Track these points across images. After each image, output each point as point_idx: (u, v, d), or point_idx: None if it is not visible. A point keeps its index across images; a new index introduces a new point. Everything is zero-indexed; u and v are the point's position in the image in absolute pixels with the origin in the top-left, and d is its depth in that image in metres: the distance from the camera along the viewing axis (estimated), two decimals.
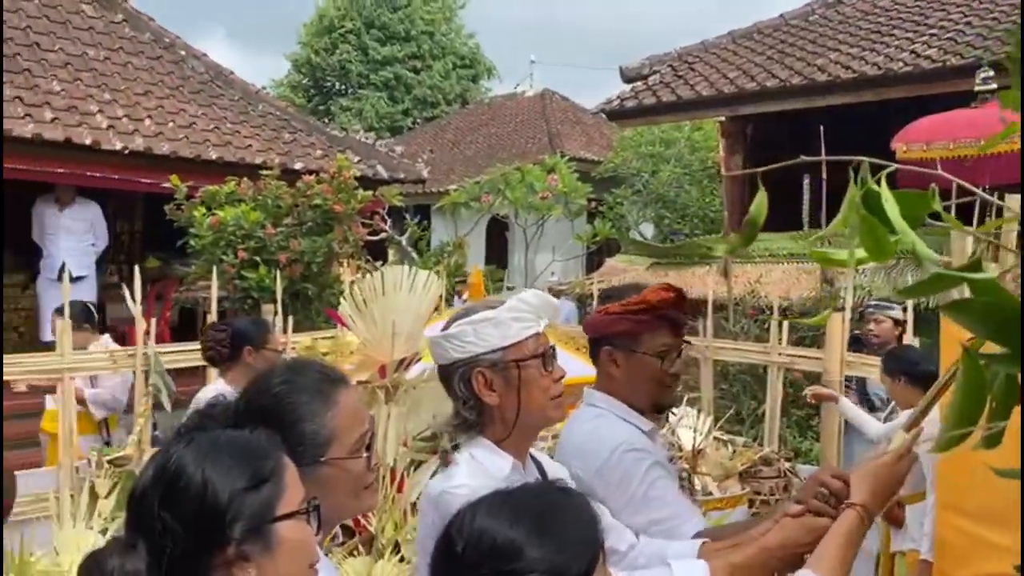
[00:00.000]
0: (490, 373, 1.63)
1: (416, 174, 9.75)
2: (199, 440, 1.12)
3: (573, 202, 13.83)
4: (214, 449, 1.11)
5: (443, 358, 1.67)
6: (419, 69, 26.00)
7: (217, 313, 5.18)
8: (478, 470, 1.60)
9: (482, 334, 1.63)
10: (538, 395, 1.66)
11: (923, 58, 7.80)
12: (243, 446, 1.14)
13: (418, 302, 3.28)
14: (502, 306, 1.67)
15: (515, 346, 1.64)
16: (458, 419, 1.67)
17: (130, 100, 8.01)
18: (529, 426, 1.68)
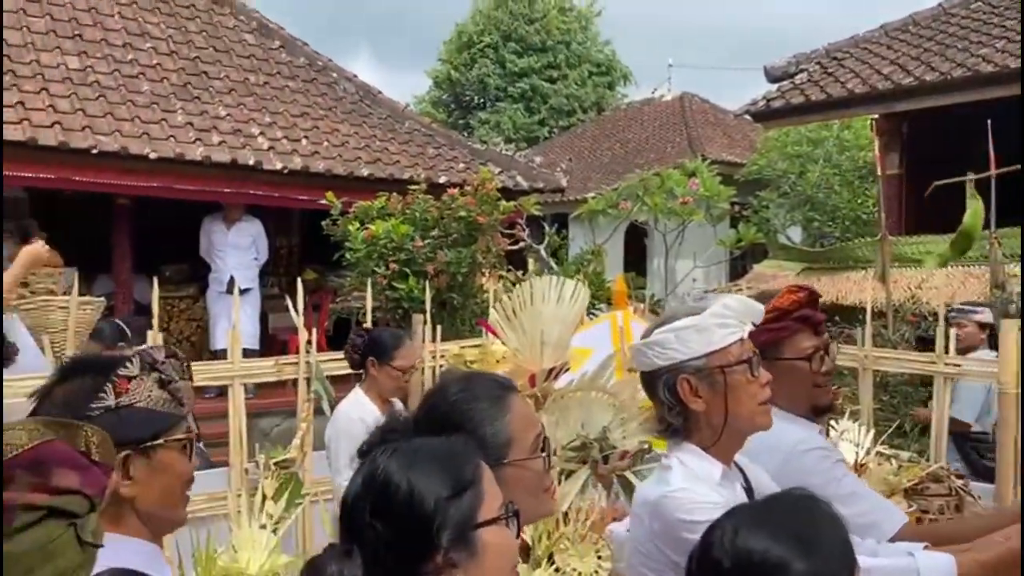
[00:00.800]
0: (695, 379, 1.63)
1: (555, 183, 9.82)
2: (402, 449, 1.18)
3: (715, 206, 13.50)
4: (417, 458, 1.15)
5: (646, 365, 1.68)
6: (555, 79, 26.20)
7: (372, 322, 5.38)
8: (691, 475, 1.60)
9: (685, 340, 1.63)
10: (746, 401, 1.65)
11: None
12: (444, 453, 1.18)
13: (565, 312, 3.30)
14: (705, 312, 1.67)
15: (720, 352, 1.63)
16: (663, 425, 1.68)
17: (288, 122, 8.50)
18: (737, 432, 1.67)
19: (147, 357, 1.42)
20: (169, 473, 1.42)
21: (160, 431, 1.41)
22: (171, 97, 8.01)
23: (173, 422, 1.43)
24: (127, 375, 1.39)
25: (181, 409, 1.44)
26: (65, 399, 1.37)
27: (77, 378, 1.40)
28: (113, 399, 1.37)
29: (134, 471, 1.38)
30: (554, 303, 3.24)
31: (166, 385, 1.42)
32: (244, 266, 8.07)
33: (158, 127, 7.45)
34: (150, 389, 1.40)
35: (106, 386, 1.37)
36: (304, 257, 9.90)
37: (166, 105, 7.84)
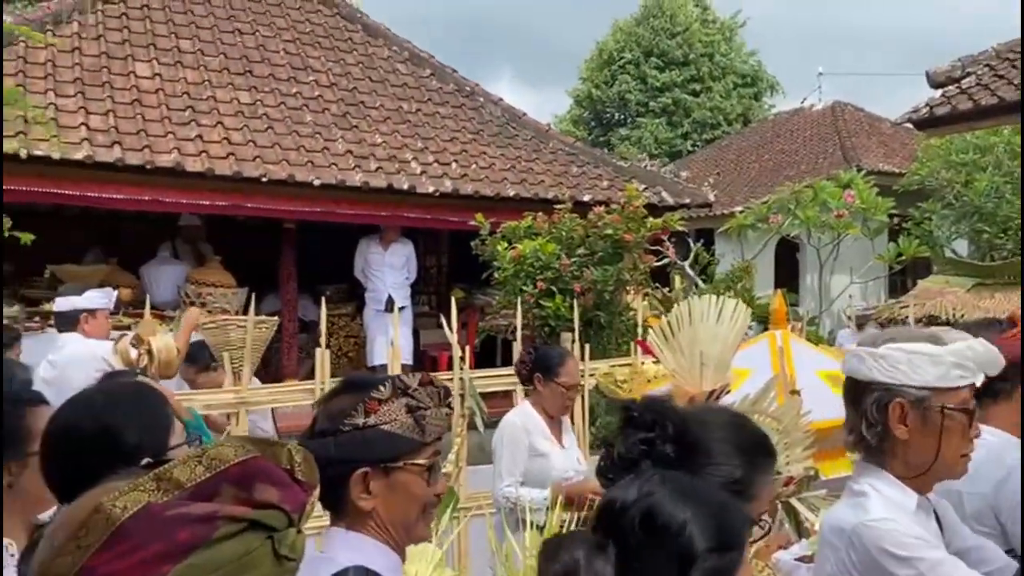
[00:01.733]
0: (910, 408, 1.57)
1: (702, 198, 9.65)
2: (682, 482, 1.20)
3: (873, 219, 12.89)
4: (697, 499, 1.17)
5: (861, 374, 1.63)
6: (698, 92, 25.81)
7: (522, 340, 5.46)
8: (890, 504, 1.56)
9: (916, 366, 1.58)
10: (956, 448, 1.59)
11: None
12: (722, 506, 1.19)
13: (726, 331, 3.22)
14: (946, 346, 1.60)
15: (948, 392, 1.57)
16: (856, 437, 1.63)
17: (439, 146, 8.79)
18: (935, 475, 1.62)
19: (399, 383, 1.49)
20: (405, 494, 1.49)
21: (400, 454, 1.47)
22: (332, 127, 8.46)
23: (415, 447, 1.48)
24: (378, 397, 1.47)
25: (424, 436, 1.49)
26: (328, 412, 1.49)
27: (344, 395, 1.51)
28: (362, 418, 1.46)
29: (373, 487, 1.47)
30: (714, 322, 3.18)
31: (414, 411, 1.48)
32: (398, 285, 8.39)
33: (321, 155, 7.88)
34: (397, 413, 1.47)
35: (359, 406, 1.46)
36: (452, 276, 10.17)
37: (327, 134, 8.29)
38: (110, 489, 0.68)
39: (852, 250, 13.37)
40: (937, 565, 1.47)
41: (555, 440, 3.73)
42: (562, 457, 3.70)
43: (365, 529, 1.47)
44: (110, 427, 1.60)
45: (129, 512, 0.65)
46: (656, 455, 1.37)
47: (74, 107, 7.30)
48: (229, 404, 4.14)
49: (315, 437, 1.47)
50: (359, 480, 1.44)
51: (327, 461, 1.39)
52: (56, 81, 7.58)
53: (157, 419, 1.70)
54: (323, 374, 4.41)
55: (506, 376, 5.04)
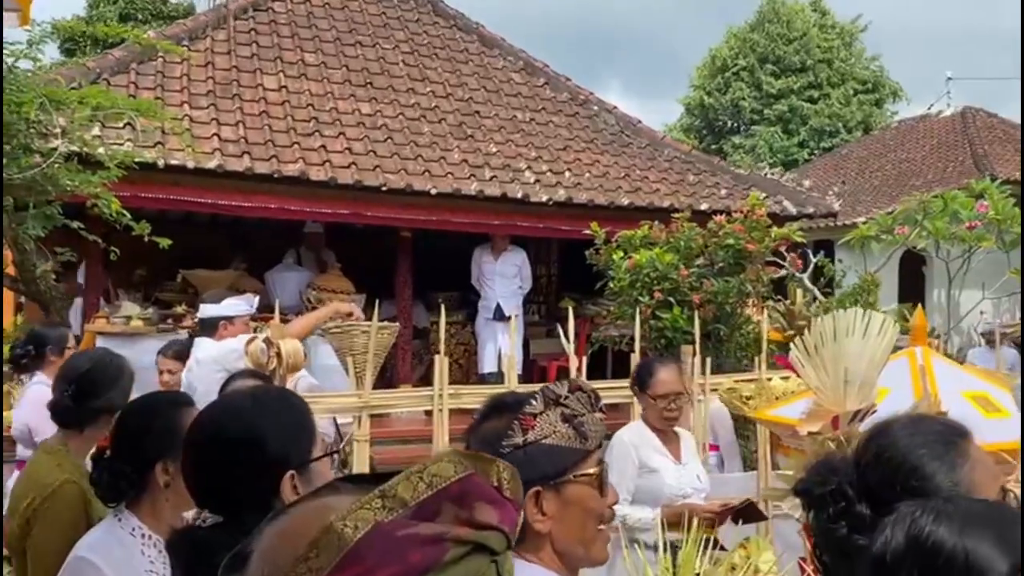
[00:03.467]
0: None
1: (826, 208, 9.28)
2: (949, 512, 1.07)
3: (1008, 231, 12.10)
4: (969, 523, 1.04)
5: None
6: (816, 99, 24.99)
7: (640, 352, 5.34)
8: None
9: None
10: None
11: None
12: (998, 520, 1.06)
13: (872, 348, 3.03)
14: None
15: None
16: None
17: (552, 155, 8.76)
18: None
19: (550, 393, 1.43)
20: (580, 508, 1.42)
21: (568, 466, 1.41)
22: (448, 136, 8.56)
23: (580, 456, 1.42)
24: (532, 412, 1.40)
25: (587, 443, 1.43)
26: (482, 438, 1.43)
27: (493, 417, 1.45)
28: (521, 436, 1.39)
29: (546, 507, 1.40)
30: (860, 338, 2.99)
31: (571, 420, 1.41)
32: (510, 294, 8.39)
33: (437, 165, 7.98)
34: (555, 424, 1.40)
35: (514, 424, 1.40)
36: (562, 286, 10.12)
37: (444, 144, 8.39)
38: (331, 506, 0.64)
39: (984, 264, 12.61)
40: None
41: (670, 455, 3.61)
42: (677, 473, 3.57)
43: (541, 557, 1.41)
44: (257, 435, 1.57)
45: (360, 532, 0.61)
46: (856, 522, 1.27)
47: (207, 118, 7.63)
48: (353, 407, 4.19)
49: None
50: (531, 502, 1.38)
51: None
52: (191, 94, 7.96)
53: (303, 428, 1.68)
54: (442, 380, 4.42)
55: (618, 388, 4.94)
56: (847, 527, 1.29)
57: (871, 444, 1.39)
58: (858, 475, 1.30)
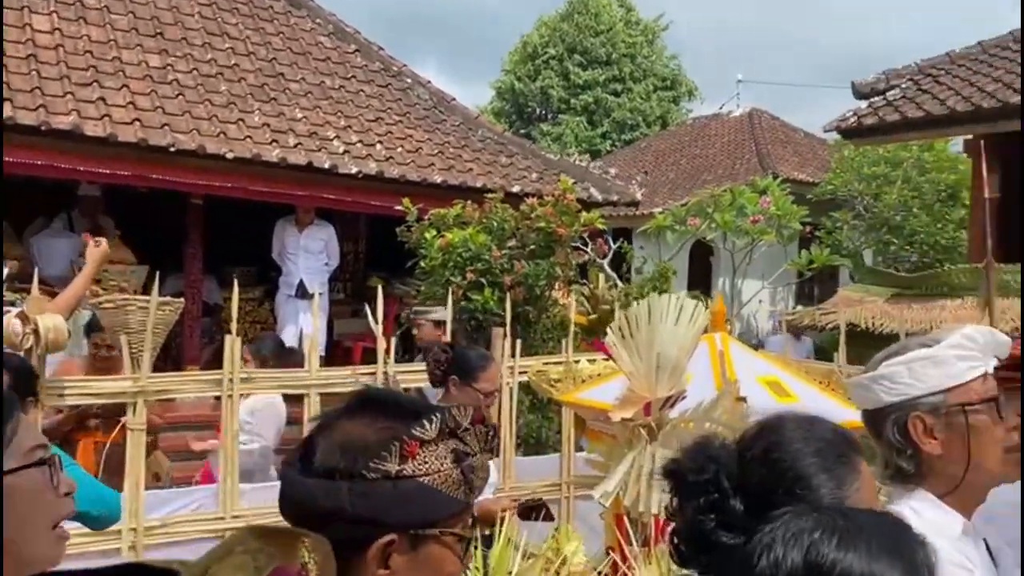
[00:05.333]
0: (931, 419, 1.45)
1: (630, 196, 9.55)
2: (845, 530, 0.93)
3: (787, 226, 13.10)
4: (872, 546, 0.92)
5: (870, 402, 1.50)
6: (620, 92, 25.95)
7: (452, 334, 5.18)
8: (928, 527, 1.36)
9: (920, 374, 1.45)
10: (990, 446, 1.45)
11: None
12: (894, 539, 0.94)
13: (684, 334, 3.01)
14: (942, 343, 1.47)
15: (960, 388, 1.44)
16: (891, 470, 1.48)
17: (363, 126, 8.38)
18: (978, 483, 1.46)
19: (450, 420, 1.13)
20: (434, 573, 1.12)
21: (440, 518, 1.10)
22: (248, 98, 7.94)
23: (457, 509, 1.12)
24: (420, 437, 1.10)
25: (470, 495, 1.13)
26: (344, 444, 1.10)
27: (362, 418, 1.12)
28: (396, 464, 1.08)
29: (395, 561, 1.09)
30: (673, 324, 2.96)
31: (461, 460, 1.11)
32: (314, 271, 7.95)
33: (235, 127, 7.37)
34: (442, 461, 1.10)
35: (392, 445, 1.08)
36: (369, 264, 9.78)
37: (243, 106, 7.77)
38: None
39: (765, 256, 13.58)
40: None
41: None
42: None
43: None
44: None
45: None
46: (726, 518, 1.16)
47: None
48: (127, 393, 3.70)
49: (317, 474, 1.08)
50: (379, 550, 1.08)
51: (339, 516, 1.04)
52: None
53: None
54: (233, 363, 4.02)
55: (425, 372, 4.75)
56: (715, 521, 1.19)
57: (760, 439, 1.29)
58: (740, 468, 1.20)
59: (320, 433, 1.13)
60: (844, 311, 7.22)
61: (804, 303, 14.75)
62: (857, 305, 8.29)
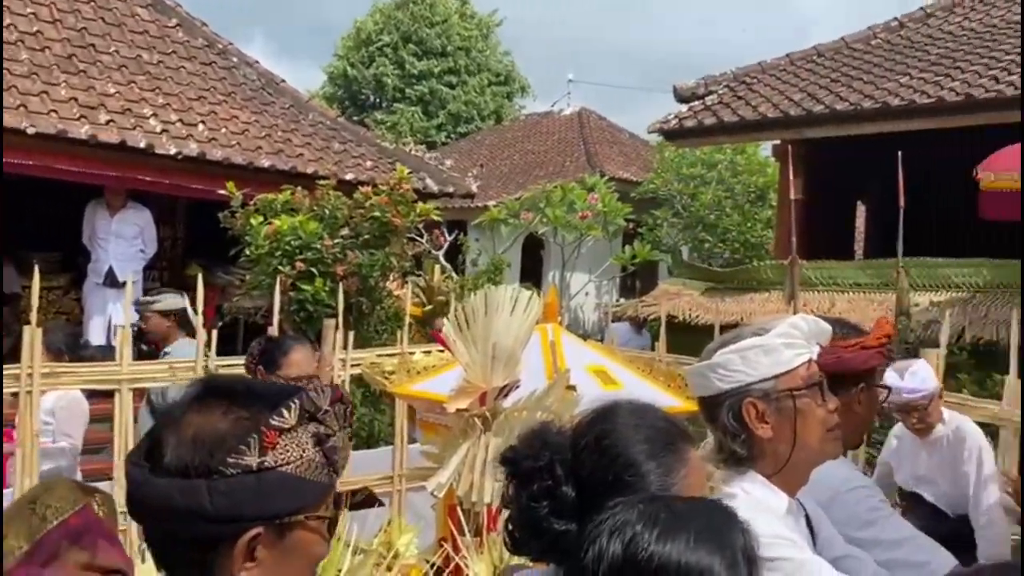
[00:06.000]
0: (762, 404, 1.52)
1: (465, 188, 9.58)
2: (664, 520, 0.95)
3: (612, 222, 13.63)
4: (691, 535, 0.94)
5: (707, 389, 1.56)
6: (454, 84, 25.99)
7: (279, 325, 4.98)
8: (757, 506, 1.45)
9: (751, 362, 1.53)
10: (815, 427, 1.54)
11: (1005, 84, 7.52)
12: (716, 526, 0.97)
13: (519, 324, 3.04)
14: (771, 332, 1.55)
15: (788, 374, 1.53)
16: (725, 454, 1.55)
17: (184, 105, 7.89)
18: (804, 461, 1.56)
19: (309, 403, 1.08)
20: (301, 558, 1.08)
21: (305, 505, 1.06)
22: (53, 68, 7.27)
23: (321, 492, 1.08)
24: (279, 426, 1.04)
25: (333, 476, 1.09)
26: (196, 438, 1.02)
27: (212, 409, 1.04)
28: (256, 456, 1.02)
29: (261, 554, 1.04)
30: (508, 314, 2.98)
31: (323, 442, 1.07)
32: (126, 258, 7.41)
33: (38, 100, 6.73)
34: (304, 447, 1.05)
35: (250, 437, 1.02)
36: (189, 251, 9.25)
37: (48, 77, 7.11)
38: None
39: (592, 250, 14.07)
40: (801, 566, 1.41)
41: None
42: None
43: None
44: None
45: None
46: (558, 505, 1.18)
47: None
48: None
49: (169, 472, 1.01)
50: (245, 545, 1.03)
51: (199, 516, 0.98)
52: None
53: None
54: (33, 356, 3.68)
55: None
56: (548, 508, 1.22)
57: (594, 426, 1.31)
58: (573, 456, 1.22)
59: (167, 428, 1.05)
60: (664, 303, 7.59)
61: (627, 296, 15.40)
62: (675, 298, 8.75)
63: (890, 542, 1.71)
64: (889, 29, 10.30)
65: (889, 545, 1.70)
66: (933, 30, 9.95)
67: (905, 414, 3.60)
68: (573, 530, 1.22)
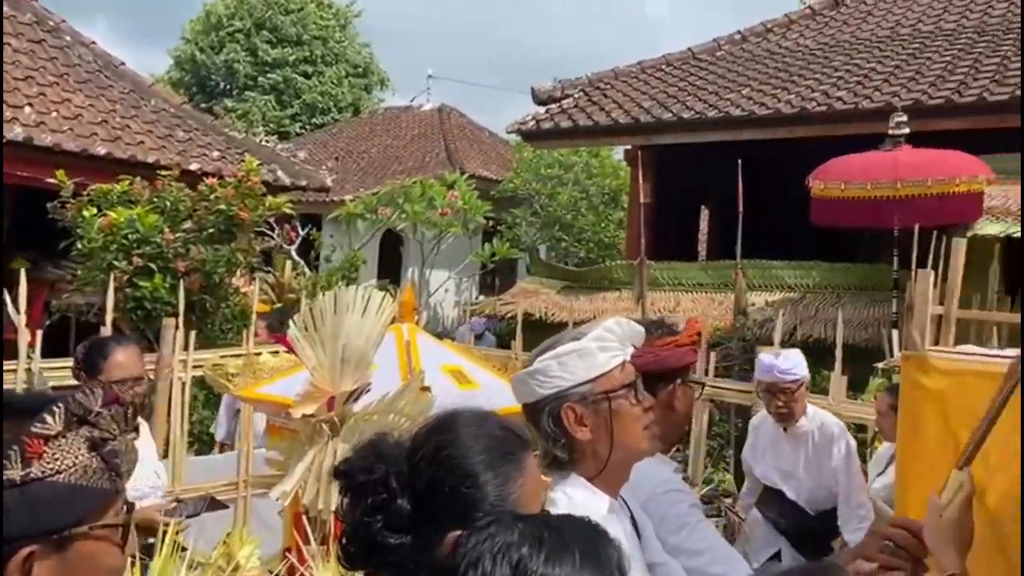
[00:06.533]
0: (580, 407, 1.53)
1: (319, 182, 9.35)
2: (547, 540, 0.92)
3: (472, 220, 13.67)
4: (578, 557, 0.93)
5: (529, 396, 1.57)
6: (310, 74, 25.32)
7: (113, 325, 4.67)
8: (579, 509, 1.43)
9: (569, 367, 1.54)
10: (631, 427, 1.57)
11: (835, 99, 8.08)
12: (590, 544, 0.96)
13: (371, 326, 2.97)
14: (586, 336, 1.57)
15: (604, 377, 1.55)
16: (548, 459, 1.55)
17: (9, 85, 7.27)
18: (622, 461, 1.58)
19: (76, 406, 1.00)
20: (91, 571, 1.01)
21: (86, 515, 0.99)
22: None
23: (105, 499, 1.01)
24: (44, 433, 0.97)
25: (117, 481, 1.02)
26: None
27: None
28: (20, 469, 0.95)
29: (39, 571, 0.96)
30: (359, 316, 2.90)
31: (99, 447, 1.00)
32: None
33: None
34: (76, 453, 0.98)
35: (11, 448, 0.95)
36: (13, 243, 8.54)
37: None
38: None
39: (451, 248, 14.06)
40: None
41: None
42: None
43: None
44: None
45: None
46: (392, 519, 1.16)
47: None
48: None
49: None
50: (18, 567, 0.95)
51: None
52: None
53: None
54: None
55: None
56: (381, 522, 1.19)
57: (432, 436, 1.28)
58: (410, 467, 1.20)
59: None
60: (521, 302, 7.68)
61: (487, 293, 15.51)
62: (533, 296, 8.88)
63: (692, 551, 1.75)
64: (732, 42, 10.86)
65: (691, 553, 1.75)
66: (772, 45, 10.56)
67: (772, 396, 3.59)
68: (408, 543, 1.20)
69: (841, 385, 4.61)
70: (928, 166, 5.79)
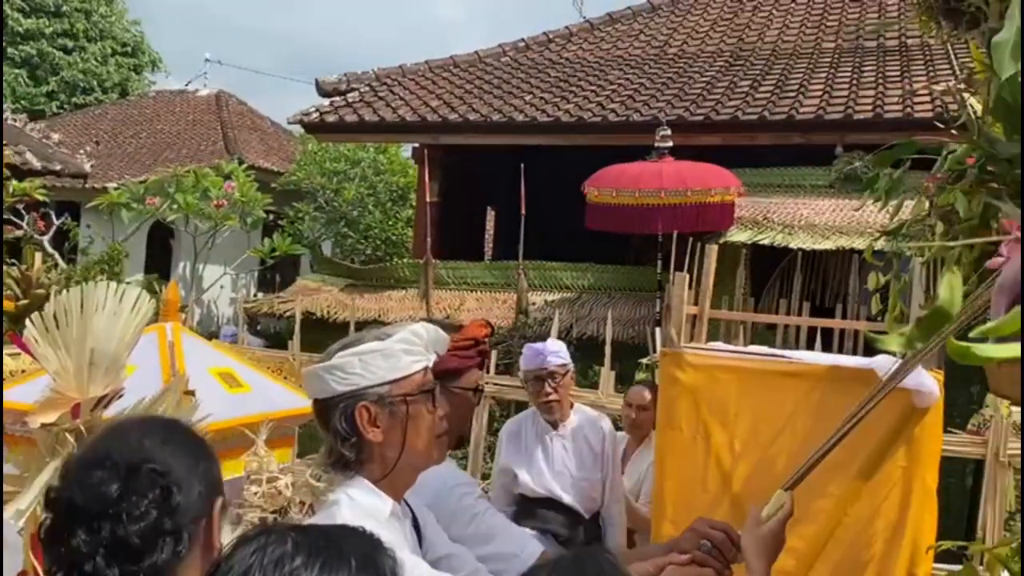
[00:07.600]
0: (375, 408, 1.52)
1: (76, 167, 8.56)
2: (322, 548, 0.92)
3: (251, 213, 13.10)
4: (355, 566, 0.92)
5: (322, 391, 1.54)
6: (70, 49, 23.12)
7: None
8: (360, 512, 1.45)
9: (370, 366, 1.52)
10: (424, 432, 1.56)
11: (609, 111, 8.53)
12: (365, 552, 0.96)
13: (124, 326, 2.74)
14: (391, 337, 1.55)
15: (404, 380, 1.54)
16: (333, 457, 1.52)
17: None
18: (410, 466, 1.57)
19: None
20: None
21: None
22: None
23: None
24: None
25: None
26: None
27: None
28: None
29: None
30: (111, 315, 2.67)
31: None
32: None
33: None
34: None
35: None
36: None
37: None
38: None
39: (228, 241, 13.42)
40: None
41: None
42: None
43: None
44: None
45: None
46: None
47: None
48: None
49: None
50: None
51: None
52: None
53: None
54: None
55: None
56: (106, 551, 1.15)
57: (108, 440, 1.27)
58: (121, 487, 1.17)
59: None
60: (301, 300, 7.45)
61: (267, 290, 14.91)
62: (315, 294, 8.63)
63: (483, 536, 1.80)
64: (517, 49, 11.18)
65: (483, 539, 1.80)
66: (554, 55, 10.99)
67: (540, 382, 3.39)
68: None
69: (610, 379, 4.89)
70: (688, 177, 6.29)
